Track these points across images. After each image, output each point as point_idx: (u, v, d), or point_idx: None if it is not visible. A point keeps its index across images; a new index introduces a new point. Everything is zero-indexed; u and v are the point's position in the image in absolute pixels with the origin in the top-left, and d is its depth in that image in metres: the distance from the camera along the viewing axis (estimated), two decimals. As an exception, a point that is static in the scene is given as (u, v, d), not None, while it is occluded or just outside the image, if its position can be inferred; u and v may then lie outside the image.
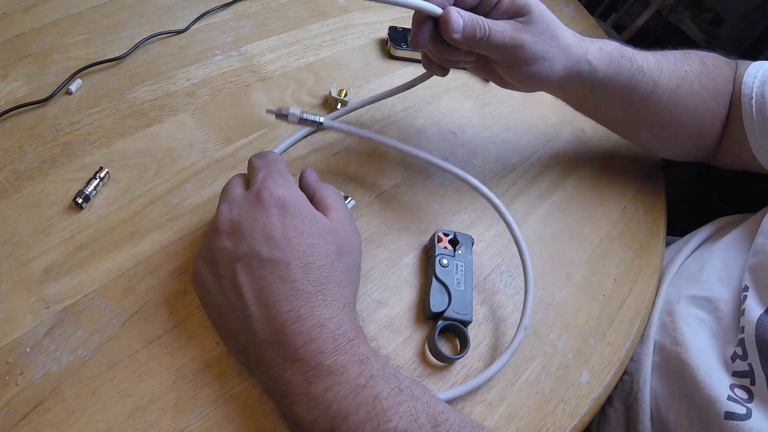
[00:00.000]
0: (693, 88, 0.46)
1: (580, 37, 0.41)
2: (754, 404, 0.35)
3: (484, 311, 0.40)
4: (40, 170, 0.37)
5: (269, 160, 0.34)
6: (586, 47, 0.41)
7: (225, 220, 0.31)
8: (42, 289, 0.32)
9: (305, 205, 0.32)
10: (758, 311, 0.37)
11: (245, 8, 0.54)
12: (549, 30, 0.38)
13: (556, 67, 0.39)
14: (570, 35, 0.40)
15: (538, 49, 0.37)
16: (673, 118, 0.46)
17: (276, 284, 0.29)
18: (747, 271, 0.41)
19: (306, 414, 0.27)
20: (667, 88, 0.45)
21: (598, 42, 0.43)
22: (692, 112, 0.46)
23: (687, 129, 0.47)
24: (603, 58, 0.42)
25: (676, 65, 0.46)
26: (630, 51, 0.44)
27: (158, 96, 0.44)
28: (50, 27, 0.46)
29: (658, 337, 0.44)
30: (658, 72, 0.44)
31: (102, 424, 0.29)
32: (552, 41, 0.38)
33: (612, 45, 0.43)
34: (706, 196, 0.50)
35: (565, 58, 0.39)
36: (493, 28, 0.36)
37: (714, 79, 0.47)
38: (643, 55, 0.45)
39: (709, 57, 0.48)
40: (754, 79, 0.46)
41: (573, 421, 0.36)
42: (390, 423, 0.26)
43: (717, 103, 0.47)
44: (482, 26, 0.36)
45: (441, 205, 0.45)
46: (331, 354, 0.28)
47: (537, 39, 0.37)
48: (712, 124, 0.48)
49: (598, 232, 0.48)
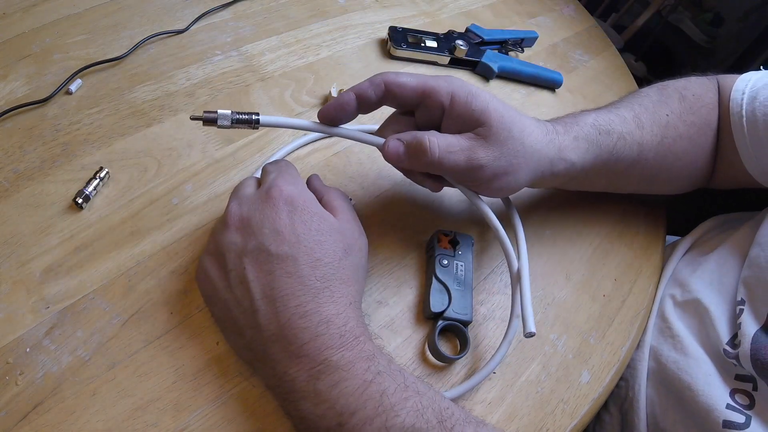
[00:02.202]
0: (678, 132, 0.43)
1: (551, 131, 0.37)
2: (754, 412, 0.35)
3: (484, 311, 0.40)
4: (40, 170, 0.37)
5: (282, 164, 0.35)
6: (560, 143, 0.37)
7: (235, 216, 0.31)
8: (42, 289, 0.32)
9: (314, 203, 0.32)
10: (753, 328, 0.37)
11: (245, 8, 0.54)
12: (511, 139, 0.33)
13: (523, 177, 0.35)
14: (538, 134, 0.36)
15: (498, 165, 0.34)
16: (662, 169, 0.44)
17: (283, 279, 0.29)
18: (741, 284, 0.40)
19: (312, 410, 0.27)
20: (651, 144, 0.42)
21: (573, 128, 0.39)
22: (681, 156, 0.44)
23: (678, 172, 0.45)
24: (580, 147, 0.38)
25: (656, 112, 0.43)
26: (606, 118, 0.41)
27: (158, 96, 0.44)
28: (50, 27, 0.46)
29: (654, 343, 0.43)
30: (639, 131, 0.41)
31: (102, 424, 0.29)
32: (515, 152, 0.34)
33: (588, 124, 0.39)
34: (707, 196, 0.50)
35: (534, 163, 0.35)
36: (444, 151, 0.32)
37: (697, 113, 0.45)
38: (620, 117, 0.41)
39: (687, 88, 0.46)
40: (743, 95, 0.44)
41: (573, 421, 0.36)
42: (397, 418, 0.26)
43: (705, 136, 0.45)
44: (431, 151, 0.32)
45: (441, 205, 0.45)
46: (338, 350, 0.28)
47: (497, 153, 0.33)
48: (704, 159, 0.46)
49: (598, 232, 0.48)
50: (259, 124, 0.34)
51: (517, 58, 0.62)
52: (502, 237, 0.37)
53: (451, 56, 0.57)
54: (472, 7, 0.69)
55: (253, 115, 0.34)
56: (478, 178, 0.34)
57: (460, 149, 0.33)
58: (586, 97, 0.63)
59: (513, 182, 0.35)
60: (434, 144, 0.33)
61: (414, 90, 0.33)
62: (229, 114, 0.33)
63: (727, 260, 0.44)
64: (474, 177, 0.34)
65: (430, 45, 0.57)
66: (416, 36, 0.57)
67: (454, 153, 0.33)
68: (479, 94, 0.33)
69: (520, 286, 0.35)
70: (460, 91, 0.33)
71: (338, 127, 0.36)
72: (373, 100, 0.34)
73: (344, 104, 0.34)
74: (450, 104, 0.33)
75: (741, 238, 0.45)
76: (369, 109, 0.35)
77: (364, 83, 0.34)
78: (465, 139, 0.33)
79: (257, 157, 0.43)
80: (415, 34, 0.57)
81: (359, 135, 0.36)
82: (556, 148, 0.37)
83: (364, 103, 0.34)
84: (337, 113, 0.34)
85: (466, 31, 0.62)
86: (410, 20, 0.62)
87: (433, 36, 0.58)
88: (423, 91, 0.33)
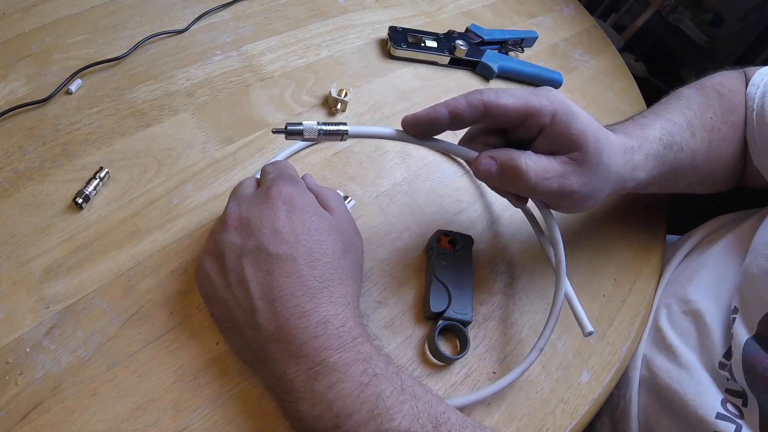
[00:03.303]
0: (722, 134, 0.43)
1: (629, 149, 0.36)
2: (745, 422, 0.35)
3: (484, 311, 0.40)
4: (40, 170, 0.37)
5: (281, 165, 0.35)
6: (634, 162, 0.36)
7: (234, 216, 0.31)
8: (42, 289, 0.32)
9: (313, 203, 0.32)
10: (745, 336, 0.37)
11: (245, 8, 0.54)
12: (602, 165, 0.32)
13: (601, 197, 0.35)
14: (620, 156, 0.35)
15: (587, 190, 0.33)
16: (709, 173, 0.44)
17: (282, 279, 0.29)
18: (736, 292, 0.40)
19: (309, 411, 0.27)
20: (701, 150, 0.41)
21: (644, 144, 0.37)
22: (725, 158, 0.44)
23: (722, 174, 0.45)
24: (649, 165, 0.37)
25: (702, 115, 0.42)
26: (669, 129, 0.39)
27: (158, 96, 0.44)
28: (50, 27, 0.46)
29: (648, 351, 0.43)
30: (692, 137, 0.41)
31: (102, 424, 0.29)
32: (603, 176, 0.33)
33: (657, 139, 0.38)
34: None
35: (613, 184, 0.35)
36: (540, 177, 0.31)
37: (734, 110, 0.44)
38: (678, 127, 0.40)
39: (723, 84, 0.45)
40: (757, 89, 0.44)
41: (573, 421, 0.36)
42: (392, 422, 0.26)
43: (742, 133, 0.45)
44: (527, 176, 0.31)
45: (441, 205, 0.45)
46: (336, 351, 0.28)
47: (588, 179, 0.32)
48: (741, 157, 0.45)
49: (598, 232, 0.48)
50: (348, 135, 0.32)
51: (517, 58, 0.62)
52: (561, 266, 0.36)
53: (451, 56, 0.57)
54: (472, 7, 0.69)
55: (341, 125, 0.32)
56: (565, 202, 0.33)
57: (555, 175, 0.32)
58: (586, 97, 0.63)
59: (593, 203, 0.35)
60: (531, 169, 0.31)
61: (516, 112, 0.31)
62: (316, 126, 0.31)
63: (724, 268, 0.44)
64: (562, 201, 0.33)
65: (430, 45, 0.57)
66: (416, 36, 0.57)
67: (548, 180, 0.31)
68: (579, 114, 0.32)
69: (570, 304, 0.35)
70: (561, 110, 0.31)
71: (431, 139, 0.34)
72: (467, 120, 0.32)
73: (434, 120, 0.32)
74: (550, 124, 0.32)
75: (737, 245, 0.45)
76: (460, 127, 0.33)
77: (459, 100, 0.31)
78: (560, 164, 0.32)
79: (257, 157, 0.43)
80: (415, 34, 0.57)
81: (451, 147, 0.34)
82: (631, 168, 0.36)
83: (457, 121, 0.32)
84: (424, 128, 0.32)
85: (466, 31, 0.62)
86: (410, 20, 0.62)
87: (433, 36, 0.58)
88: (525, 113, 0.31)
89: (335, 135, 0.32)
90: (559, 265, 0.36)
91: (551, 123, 0.32)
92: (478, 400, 0.34)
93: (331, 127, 0.32)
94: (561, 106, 0.32)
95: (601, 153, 0.32)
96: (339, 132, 0.32)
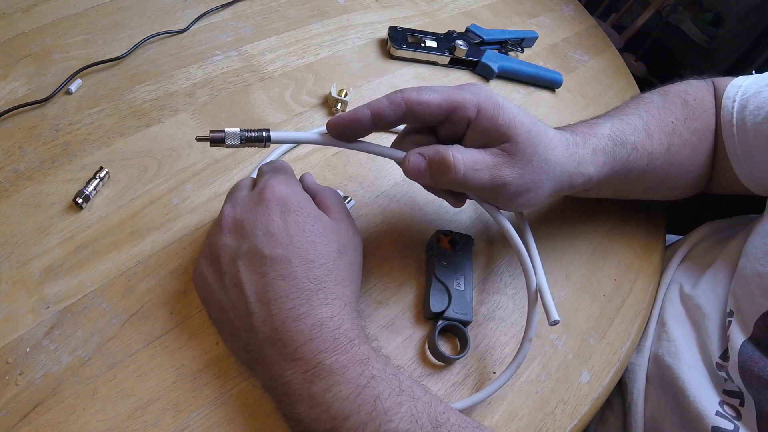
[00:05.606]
0: (683, 139, 0.43)
1: (572, 143, 0.36)
2: (742, 423, 0.35)
3: (484, 311, 0.40)
4: (40, 170, 0.37)
5: (277, 165, 0.35)
6: (580, 157, 0.36)
7: (228, 218, 0.31)
8: (42, 289, 0.32)
9: (308, 204, 0.32)
10: (741, 339, 0.37)
11: (245, 8, 0.54)
12: (536, 155, 0.32)
13: (544, 193, 0.35)
14: (561, 149, 0.34)
15: (522, 182, 0.32)
16: (668, 177, 0.44)
17: (277, 281, 0.29)
18: (731, 295, 0.40)
19: (307, 413, 0.27)
20: (659, 152, 0.41)
21: (591, 140, 0.37)
22: (686, 163, 0.44)
23: (683, 179, 0.45)
24: (598, 161, 0.37)
25: (662, 118, 0.42)
26: (620, 128, 0.39)
27: (158, 96, 0.44)
28: (50, 27, 0.46)
29: (654, 348, 0.43)
30: (649, 139, 0.41)
31: (102, 424, 0.29)
32: (539, 168, 0.33)
33: (605, 136, 0.38)
34: (707, 196, 0.50)
35: (556, 179, 0.34)
36: (470, 169, 0.31)
37: (699, 118, 0.44)
38: (632, 127, 0.40)
39: (688, 92, 0.45)
40: (733, 103, 0.43)
41: (573, 421, 0.36)
42: (391, 423, 0.26)
43: (706, 142, 0.45)
44: (455, 168, 0.30)
45: (441, 205, 0.45)
46: (332, 353, 0.28)
47: (522, 170, 0.32)
48: (705, 164, 0.45)
49: (598, 232, 0.48)
50: (270, 141, 0.32)
51: (517, 58, 0.62)
52: (523, 255, 0.36)
53: (451, 56, 0.57)
54: (472, 7, 0.69)
55: (263, 131, 0.32)
56: (500, 195, 0.33)
57: (485, 166, 0.31)
58: (585, 97, 0.63)
59: (534, 198, 0.34)
60: (459, 161, 0.31)
61: (439, 107, 0.31)
62: (238, 132, 0.31)
63: (721, 272, 0.44)
64: (497, 194, 0.33)
65: (430, 45, 0.57)
66: (416, 36, 0.57)
67: (479, 171, 0.31)
68: (506, 106, 0.32)
69: (541, 296, 0.35)
70: (486, 103, 0.31)
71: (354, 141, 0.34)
72: (391, 120, 0.31)
73: (357, 122, 0.32)
74: (476, 117, 0.31)
75: (733, 249, 0.45)
76: (386, 128, 0.32)
77: (381, 101, 0.31)
78: (490, 155, 0.32)
79: (257, 156, 0.43)
80: (415, 34, 0.57)
81: (376, 148, 0.34)
82: (576, 162, 0.35)
83: (380, 122, 0.31)
84: (347, 130, 0.32)
85: (466, 31, 0.62)
86: (410, 20, 0.62)
87: (433, 36, 0.58)
88: (449, 108, 0.31)
89: (258, 141, 0.32)
90: (521, 254, 0.36)
91: (477, 116, 0.31)
92: (478, 400, 0.34)
93: (254, 134, 0.32)
94: (486, 98, 0.31)
95: (534, 144, 0.32)
96: (261, 138, 0.32)
